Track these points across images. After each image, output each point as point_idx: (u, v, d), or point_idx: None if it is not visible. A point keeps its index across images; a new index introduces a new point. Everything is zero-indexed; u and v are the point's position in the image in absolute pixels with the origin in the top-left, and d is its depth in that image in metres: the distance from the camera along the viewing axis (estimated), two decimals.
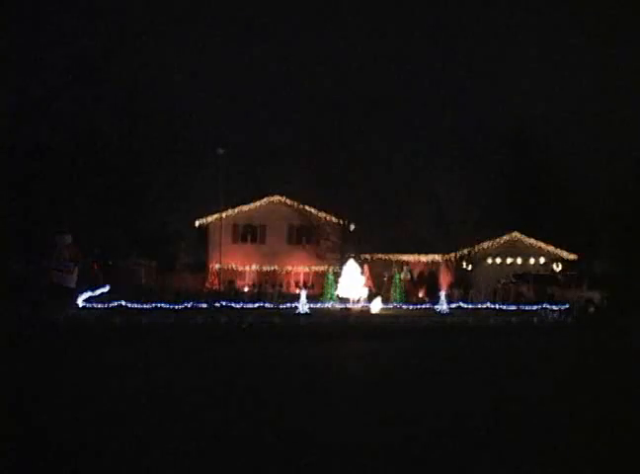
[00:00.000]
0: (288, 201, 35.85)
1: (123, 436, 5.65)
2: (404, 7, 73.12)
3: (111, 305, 19.60)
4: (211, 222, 35.51)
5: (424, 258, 35.26)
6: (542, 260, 34.98)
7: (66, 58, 34.44)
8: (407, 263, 34.33)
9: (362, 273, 26.05)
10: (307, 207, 35.30)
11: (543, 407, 7.15)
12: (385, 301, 23.76)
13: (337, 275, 26.13)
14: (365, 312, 21.76)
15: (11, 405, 6.93)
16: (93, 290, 19.90)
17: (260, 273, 35.78)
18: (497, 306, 22.82)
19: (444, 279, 31.47)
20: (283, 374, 9.19)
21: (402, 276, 28.40)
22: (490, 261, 34.18)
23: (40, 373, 8.97)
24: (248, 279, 35.60)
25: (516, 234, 35.44)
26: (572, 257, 35.27)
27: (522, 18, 70.36)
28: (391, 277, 28.09)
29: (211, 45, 70.47)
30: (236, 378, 8.75)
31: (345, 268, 25.96)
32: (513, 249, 34.84)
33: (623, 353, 12.61)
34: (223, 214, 33.98)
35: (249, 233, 36.67)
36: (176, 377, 8.72)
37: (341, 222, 34.59)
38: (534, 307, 22.26)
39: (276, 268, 35.68)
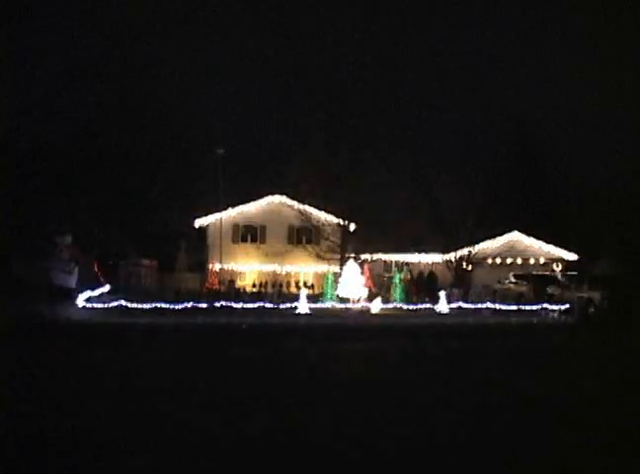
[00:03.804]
0: (288, 201, 35.83)
1: (120, 436, 5.64)
2: (404, 6, 73.09)
3: (111, 305, 19.59)
4: (211, 222, 35.51)
5: (424, 258, 35.25)
6: (542, 260, 34.97)
7: (66, 58, 34.45)
8: (407, 263, 34.31)
9: (362, 273, 26.03)
10: (307, 207, 35.29)
11: (544, 406, 7.14)
12: (385, 301, 23.75)
13: (337, 275, 26.11)
14: (365, 312, 21.75)
15: (10, 403, 6.92)
16: (93, 290, 19.90)
17: (260, 273, 35.79)
18: (497, 306, 22.80)
19: (444, 279, 31.46)
20: (280, 374, 9.18)
21: (402, 275, 28.37)
22: (490, 261, 34.16)
23: (39, 372, 8.96)
24: (248, 280, 35.63)
25: (515, 234, 35.43)
26: (572, 257, 35.25)
27: (522, 16, 70.30)
28: (391, 277, 28.06)
29: (212, 45, 70.45)
30: (235, 377, 8.74)
31: (345, 268, 25.94)
32: (512, 249, 34.82)
33: (623, 352, 12.61)
34: (223, 214, 33.96)
35: (249, 233, 36.67)
36: (174, 377, 8.72)
37: (341, 222, 34.56)
38: (534, 307, 22.23)
39: (276, 268, 35.66)
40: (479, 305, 23.26)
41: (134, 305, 19.84)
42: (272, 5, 74.02)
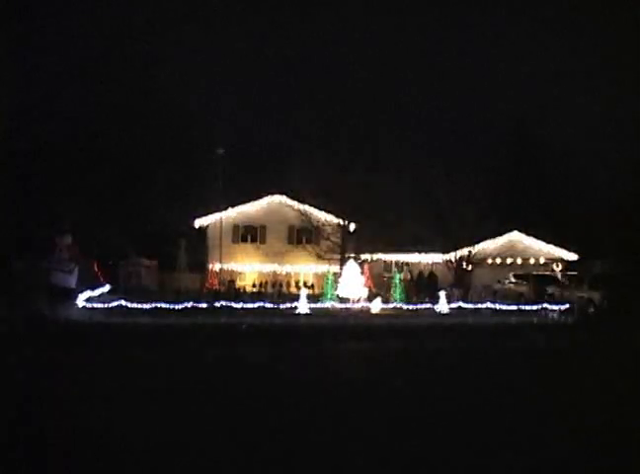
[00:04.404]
0: (288, 201, 35.83)
1: (120, 437, 5.64)
2: (405, 6, 73.13)
3: (111, 305, 19.57)
4: (211, 222, 35.51)
5: (424, 258, 35.24)
6: (542, 260, 34.98)
7: (66, 58, 34.48)
8: (407, 263, 34.29)
9: (362, 273, 26.02)
10: (307, 207, 35.29)
11: (543, 407, 7.14)
12: (385, 301, 23.73)
13: (337, 275, 26.10)
14: (365, 312, 21.74)
15: (11, 403, 6.92)
16: (93, 290, 19.87)
17: (260, 273, 35.80)
18: (497, 306, 22.79)
19: (444, 279, 31.45)
20: (280, 374, 9.18)
21: (402, 276, 28.35)
22: (490, 261, 34.17)
23: (39, 373, 8.96)
24: (248, 280, 35.63)
25: (516, 234, 35.44)
26: (572, 257, 35.27)
27: (522, 17, 70.36)
28: (391, 277, 28.05)
29: (212, 45, 70.48)
30: (234, 377, 8.74)
31: (345, 268, 25.93)
32: (513, 249, 34.85)
33: (623, 353, 12.60)
34: (223, 214, 33.95)
35: (249, 233, 36.68)
36: (175, 377, 8.72)
37: (341, 222, 34.55)
38: (534, 307, 22.22)
39: (276, 268, 35.66)
40: (479, 305, 23.24)
41: (134, 305, 19.82)
42: (272, 5, 74.05)
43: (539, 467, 5.03)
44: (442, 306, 22.13)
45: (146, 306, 19.82)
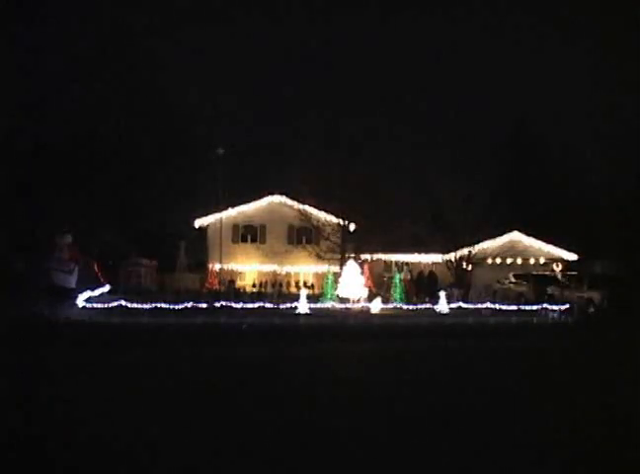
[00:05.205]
0: (288, 201, 35.84)
1: (119, 437, 5.64)
2: (404, 6, 73.13)
3: (111, 305, 19.57)
4: (211, 222, 35.50)
5: (424, 258, 35.25)
6: (542, 260, 34.98)
7: (66, 58, 34.52)
8: (407, 263, 34.30)
9: (362, 273, 26.01)
10: (307, 207, 35.28)
11: (543, 407, 7.15)
12: (385, 301, 23.74)
13: (337, 275, 26.10)
14: (365, 312, 21.75)
15: (10, 404, 6.92)
16: (93, 290, 19.87)
17: (260, 273, 35.80)
18: (497, 306, 22.79)
19: (444, 279, 31.45)
20: (280, 374, 9.19)
21: (402, 275, 28.35)
22: (490, 261, 34.17)
23: (39, 373, 8.97)
24: (248, 280, 35.64)
25: (516, 234, 35.44)
26: (572, 257, 35.26)
27: (523, 15, 70.44)
28: (391, 277, 28.05)
29: (212, 45, 70.54)
30: (235, 377, 8.75)
31: (345, 268, 25.94)
32: (513, 249, 34.85)
33: (623, 352, 12.61)
34: (223, 214, 33.95)
35: (249, 233, 36.67)
36: (175, 377, 8.72)
37: (341, 222, 34.55)
38: (534, 307, 22.22)
39: (276, 268, 35.66)
40: (479, 305, 23.24)
41: (134, 305, 19.83)
42: (272, 5, 74.12)
43: (539, 468, 5.03)
44: (442, 306, 22.14)
45: (146, 306, 19.83)
